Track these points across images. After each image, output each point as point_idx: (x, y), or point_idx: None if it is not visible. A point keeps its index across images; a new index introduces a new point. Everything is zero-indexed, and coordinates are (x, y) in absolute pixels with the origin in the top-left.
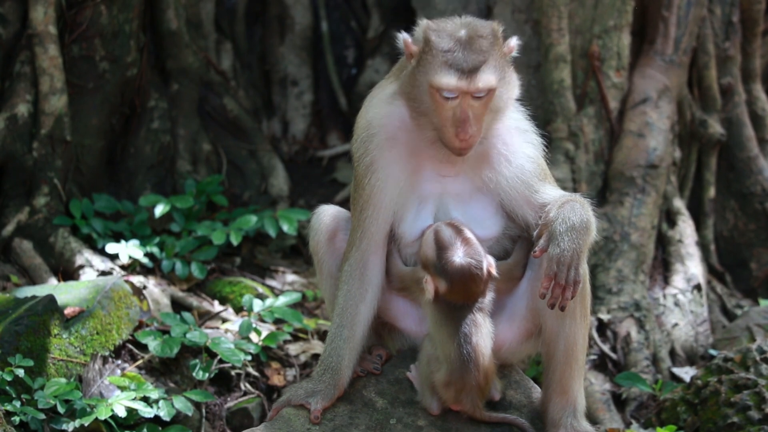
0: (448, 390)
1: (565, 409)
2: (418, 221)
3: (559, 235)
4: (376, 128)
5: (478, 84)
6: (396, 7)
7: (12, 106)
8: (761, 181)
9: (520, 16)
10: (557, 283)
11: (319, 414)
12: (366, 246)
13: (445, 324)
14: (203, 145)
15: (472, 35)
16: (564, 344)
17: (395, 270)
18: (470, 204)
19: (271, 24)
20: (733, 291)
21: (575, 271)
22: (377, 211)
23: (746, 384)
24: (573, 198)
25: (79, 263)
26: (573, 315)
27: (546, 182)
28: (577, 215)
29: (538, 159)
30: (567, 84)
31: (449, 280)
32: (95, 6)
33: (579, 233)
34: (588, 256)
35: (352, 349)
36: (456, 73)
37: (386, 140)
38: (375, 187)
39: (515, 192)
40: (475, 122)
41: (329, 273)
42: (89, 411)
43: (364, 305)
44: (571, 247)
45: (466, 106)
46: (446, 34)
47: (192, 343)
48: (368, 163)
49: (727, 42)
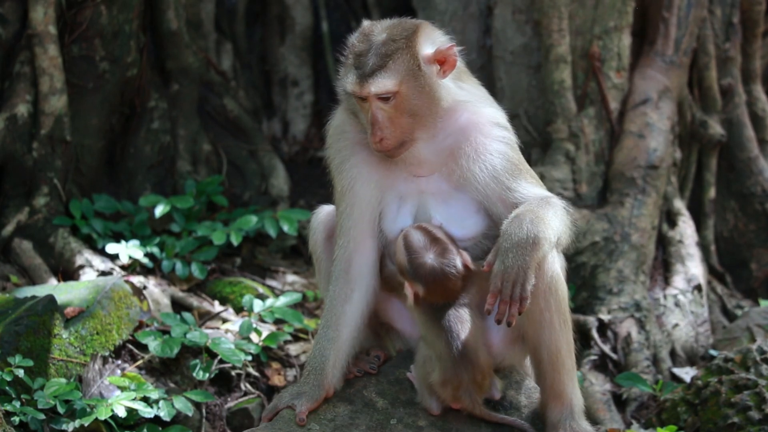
0: (445, 389)
1: (563, 412)
2: (399, 219)
3: (503, 252)
4: (343, 132)
5: (371, 88)
6: (396, 7)
7: (12, 106)
8: (761, 182)
9: (520, 17)
10: (502, 299)
11: (303, 416)
12: (345, 243)
13: (431, 325)
14: (203, 145)
15: (386, 39)
16: (547, 353)
17: (385, 270)
18: (450, 203)
19: (271, 24)
20: (734, 291)
21: (521, 287)
22: (350, 207)
23: (746, 384)
24: (532, 207)
25: (79, 263)
26: (551, 325)
27: (521, 179)
28: (524, 231)
29: (510, 154)
30: (567, 85)
31: (424, 283)
32: (95, 6)
33: (524, 250)
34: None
35: (337, 350)
36: (354, 78)
37: (353, 144)
38: (346, 184)
39: (488, 190)
40: (388, 124)
41: (327, 271)
42: (89, 411)
43: (349, 305)
44: (516, 264)
45: (374, 108)
46: (364, 37)
47: (192, 344)
48: (339, 163)
49: (727, 43)
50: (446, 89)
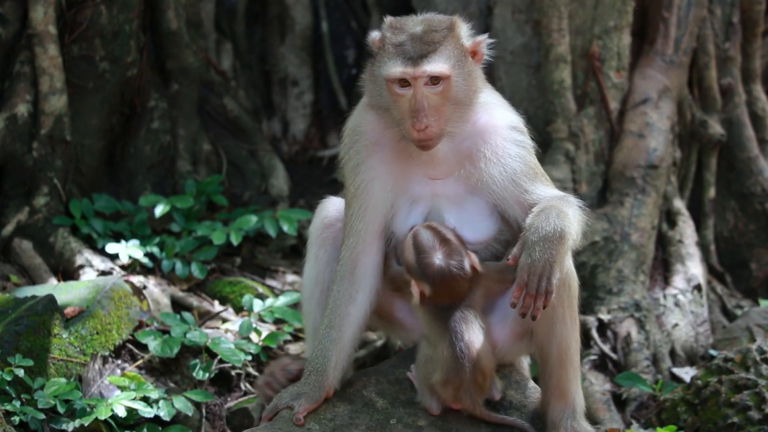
0: (446, 389)
1: (565, 411)
2: (410, 221)
3: (530, 245)
4: (360, 134)
5: (426, 68)
6: (396, 6)
7: (12, 106)
8: (761, 182)
9: (520, 17)
10: (528, 293)
11: (302, 417)
12: (353, 244)
13: (436, 325)
14: (203, 145)
15: (426, 30)
16: (557, 349)
17: (390, 270)
18: (464, 206)
19: (271, 24)
20: (733, 291)
21: (547, 281)
22: (363, 209)
23: (746, 384)
24: (554, 203)
25: (79, 263)
26: (563, 320)
27: (537, 182)
28: (551, 224)
29: (528, 158)
30: (567, 84)
31: (431, 283)
32: (95, 6)
33: (551, 243)
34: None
35: (339, 351)
36: (403, 61)
37: (370, 144)
38: (360, 186)
39: (505, 192)
40: (433, 113)
41: (315, 257)
42: (89, 411)
43: (353, 306)
44: (543, 258)
45: (419, 95)
46: (400, 30)
47: (192, 343)
48: (354, 165)
49: (727, 42)
50: (482, 82)
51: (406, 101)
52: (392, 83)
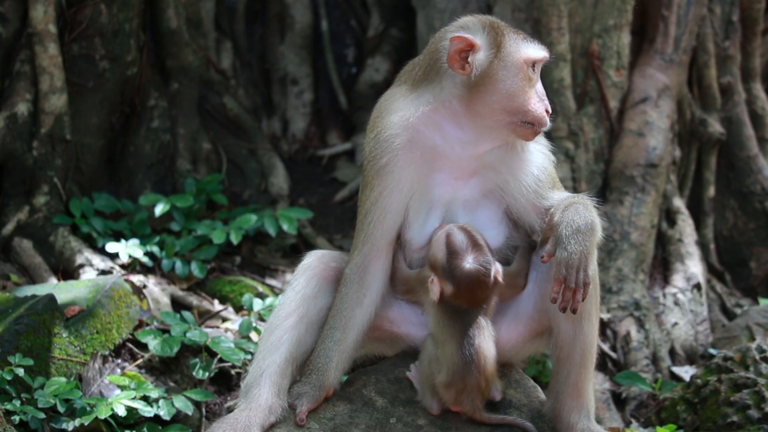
0: (448, 391)
1: (580, 412)
2: (426, 228)
3: (565, 239)
4: (398, 129)
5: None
6: (396, 5)
7: (12, 105)
8: (761, 180)
9: (520, 15)
10: (567, 286)
11: (303, 416)
12: (368, 250)
13: (448, 325)
14: (203, 144)
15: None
16: (581, 347)
17: (399, 274)
18: (477, 211)
19: (271, 23)
20: (733, 290)
21: (584, 273)
22: (383, 215)
23: (746, 383)
24: (576, 200)
25: (79, 262)
26: (589, 317)
27: (554, 190)
28: (582, 217)
29: (549, 169)
30: (567, 83)
31: (456, 285)
32: (95, 5)
33: (585, 235)
34: (597, 255)
35: (342, 352)
36: (538, 44)
37: (406, 142)
38: (385, 189)
39: (524, 199)
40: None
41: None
42: (89, 410)
43: (360, 309)
44: (578, 250)
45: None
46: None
47: (192, 342)
48: (383, 164)
49: (727, 41)
50: None
51: (533, 84)
52: (530, 65)
